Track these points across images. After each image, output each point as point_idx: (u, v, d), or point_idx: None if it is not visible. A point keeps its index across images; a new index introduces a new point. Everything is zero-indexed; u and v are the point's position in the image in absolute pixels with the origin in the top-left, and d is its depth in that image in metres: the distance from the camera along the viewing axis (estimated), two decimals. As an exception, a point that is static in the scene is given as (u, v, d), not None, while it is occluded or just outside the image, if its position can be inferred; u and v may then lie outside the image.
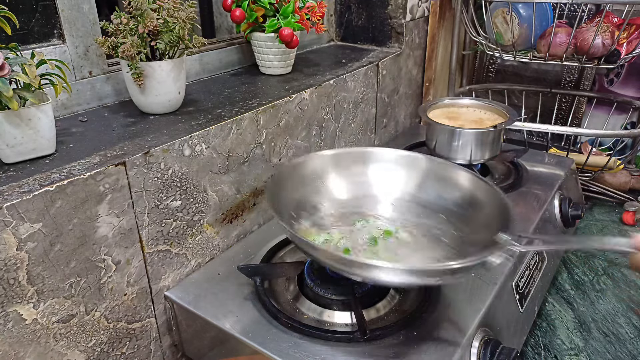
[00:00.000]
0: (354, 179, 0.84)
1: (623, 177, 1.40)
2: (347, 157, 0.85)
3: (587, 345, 0.94)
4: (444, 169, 0.82)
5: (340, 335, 0.66)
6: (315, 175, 0.82)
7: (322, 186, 0.82)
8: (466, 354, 0.66)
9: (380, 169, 0.85)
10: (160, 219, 0.72)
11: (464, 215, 0.77)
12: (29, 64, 0.61)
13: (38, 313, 0.60)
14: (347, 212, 0.81)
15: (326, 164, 0.83)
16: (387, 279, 0.60)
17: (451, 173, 0.80)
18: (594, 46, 1.17)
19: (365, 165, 0.85)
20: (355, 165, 0.85)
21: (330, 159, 0.83)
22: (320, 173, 0.82)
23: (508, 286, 0.80)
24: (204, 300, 0.74)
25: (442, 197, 0.80)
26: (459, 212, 0.77)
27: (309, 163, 0.81)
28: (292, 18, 0.98)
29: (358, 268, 0.60)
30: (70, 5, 0.76)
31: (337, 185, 0.83)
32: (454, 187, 0.79)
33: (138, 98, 0.79)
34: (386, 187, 0.84)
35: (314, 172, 0.82)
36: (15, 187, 0.57)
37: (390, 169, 0.85)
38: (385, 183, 0.84)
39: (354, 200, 0.83)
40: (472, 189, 0.77)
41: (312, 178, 0.81)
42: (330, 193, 0.82)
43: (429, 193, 0.82)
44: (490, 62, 1.63)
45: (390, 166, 0.85)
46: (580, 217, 1.05)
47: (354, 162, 0.85)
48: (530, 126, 1.26)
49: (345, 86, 1.05)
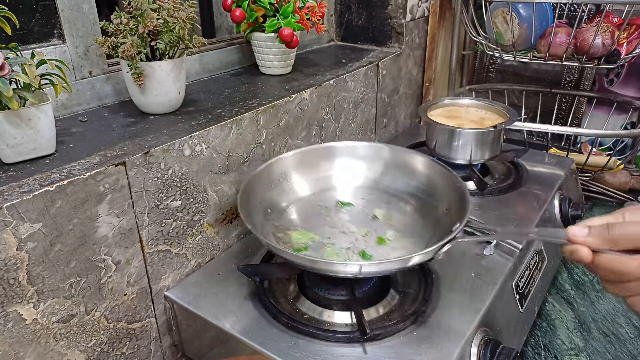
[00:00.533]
0: (318, 174, 0.90)
1: (623, 177, 1.40)
2: (310, 154, 0.89)
3: (587, 345, 0.94)
4: (403, 156, 0.89)
5: (340, 335, 0.66)
6: (282, 176, 0.86)
7: (287, 186, 0.87)
8: (466, 354, 0.66)
9: (343, 163, 0.91)
10: (160, 219, 0.72)
11: (425, 200, 0.84)
12: (29, 64, 0.61)
13: (38, 313, 0.60)
14: (313, 206, 0.86)
15: (289, 165, 0.87)
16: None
17: (409, 159, 0.87)
18: (594, 46, 1.17)
19: (330, 160, 0.90)
20: (320, 162, 0.90)
21: (292, 159, 0.87)
22: (285, 174, 0.87)
23: (508, 286, 0.80)
24: (204, 300, 0.74)
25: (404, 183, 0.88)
26: (421, 196, 0.85)
27: (274, 165, 0.85)
28: (292, 18, 0.98)
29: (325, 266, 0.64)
30: (70, 5, 0.76)
31: (301, 184, 0.88)
32: (413, 173, 0.87)
33: (138, 98, 0.79)
34: (349, 178, 0.91)
35: (280, 173, 0.86)
36: (15, 187, 0.57)
37: (352, 162, 0.91)
38: (348, 175, 0.91)
39: (319, 194, 0.89)
40: (430, 173, 0.84)
41: (278, 180, 0.86)
42: (296, 192, 0.87)
43: (391, 180, 0.89)
44: (490, 62, 1.63)
45: (351, 159, 0.91)
46: (580, 217, 1.05)
47: (317, 159, 0.90)
48: (530, 126, 1.26)
49: (345, 86, 1.05)
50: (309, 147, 0.90)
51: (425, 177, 0.85)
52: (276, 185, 0.85)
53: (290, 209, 0.85)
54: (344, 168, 0.91)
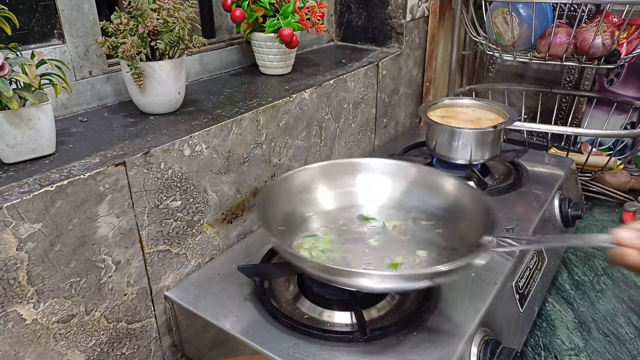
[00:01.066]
0: (342, 189, 0.86)
1: (623, 177, 1.40)
2: (335, 168, 0.87)
3: (587, 345, 0.94)
4: (430, 175, 0.85)
5: (340, 335, 0.66)
6: (304, 188, 0.83)
7: (310, 198, 0.84)
8: (466, 354, 0.66)
9: (368, 179, 0.87)
10: (160, 219, 0.72)
11: (449, 219, 0.79)
12: (29, 64, 0.61)
13: (38, 313, 0.60)
14: (335, 220, 0.83)
15: (314, 177, 0.85)
16: (374, 285, 0.62)
17: (437, 179, 0.83)
18: (594, 46, 1.17)
19: (354, 176, 0.87)
20: (344, 176, 0.87)
21: (318, 171, 0.85)
22: (308, 185, 0.84)
23: (508, 286, 0.80)
24: (204, 300, 0.74)
25: (428, 202, 0.83)
26: (446, 216, 0.80)
27: (297, 176, 0.83)
28: (292, 18, 0.98)
29: (343, 276, 0.62)
30: (70, 5, 0.76)
31: (325, 197, 0.85)
32: (439, 193, 0.82)
33: (138, 98, 0.79)
34: (373, 196, 0.87)
35: (302, 184, 0.83)
36: (15, 187, 0.57)
37: (377, 178, 0.87)
38: (372, 192, 0.87)
39: (341, 210, 0.85)
40: (458, 194, 0.80)
41: (299, 191, 0.83)
42: (319, 205, 0.84)
43: (416, 199, 0.85)
44: (490, 62, 1.63)
45: (377, 175, 0.87)
46: (580, 217, 1.05)
47: (342, 173, 0.87)
48: (530, 126, 1.26)
49: (345, 86, 1.05)
50: (336, 161, 0.89)
51: (452, 197, 0.81)
52: (296, 196, 0.82)
53: (311, 220, 0.82)
54: (367, 183, 0.88)
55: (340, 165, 0.87)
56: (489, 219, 0.70)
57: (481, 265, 0.63)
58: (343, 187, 0.86)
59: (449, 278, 0.63)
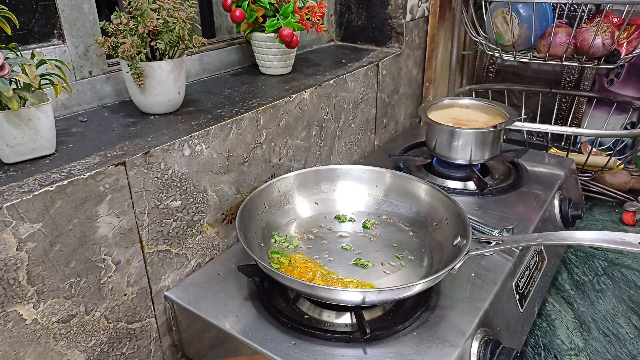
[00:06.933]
0: (320, 196, 0.91)
1: (623, 177, 1.40)
2: (311, 175, 0.91)
3: (587, 345, 0.94)
4: (405, 181, 0.90)
5: (340, 335, 0.66)
6: (283, 197, 0.88)
7: (288, 208, 0.88)
8: (466, 354, 0.66)
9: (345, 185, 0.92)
10: (160, 219, 0.72)
11: (424, 223, 0.85)
12: (29, 64, 0.61)
13: (38, 313, 0.60)
14: (313, 227, 0.87)
15: (291, 185, 0.89)
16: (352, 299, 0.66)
17: (411, 185, 0.89)
18: (594, 46, 1.17)
19: (331, 183, 0.92)
20: (321, 184, 0.92)
21: (294, 179, 0.89)
22: (287, 195, 0.88)
23: (508, 286, 0.80)
24: (204, 300, 0.74)
25: (403, 207, 0.89)
26: (420, 220, 0.86)
27: (275, 185, 0.87)
28: (292, 18, 0.98)
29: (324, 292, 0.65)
30: (70, 5, 0.76)
31: (301, 205, 0.90)
32: (414, 198, 0.88)
33: (138, 98, 0.79)
34: (350, 202, 0.92)
35: (281, 194, 0.88)
36: (15, 187, 0.57)
37: (353, 185, 0.92)
38: (349, 198, 0.92)
39: (319, 216, 0.89)
40: (431, 200, 0.85)
41: (279, 200, 0.87)
42: (297, 213, 0.89)
43: (391, 204, 0.90)
44: (490, 62, 1.63)
45: (353, 182, 0.92)
46: (580, 217, 1.05)
47: (320, 181, 0.92)
48: (530, 126, 1.26)
49: (345, 86, 1.05)
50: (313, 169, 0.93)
51: (425, 202, 0.87)
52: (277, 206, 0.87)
53: (289, 228, 0.86)
54: (345, 190, 0.92)
55: (317, 173, 0.92)
56: (461, 222, 0.76)
57: (455, 272, 0.68)
58: (319, 194, 0.92)
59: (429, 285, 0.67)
